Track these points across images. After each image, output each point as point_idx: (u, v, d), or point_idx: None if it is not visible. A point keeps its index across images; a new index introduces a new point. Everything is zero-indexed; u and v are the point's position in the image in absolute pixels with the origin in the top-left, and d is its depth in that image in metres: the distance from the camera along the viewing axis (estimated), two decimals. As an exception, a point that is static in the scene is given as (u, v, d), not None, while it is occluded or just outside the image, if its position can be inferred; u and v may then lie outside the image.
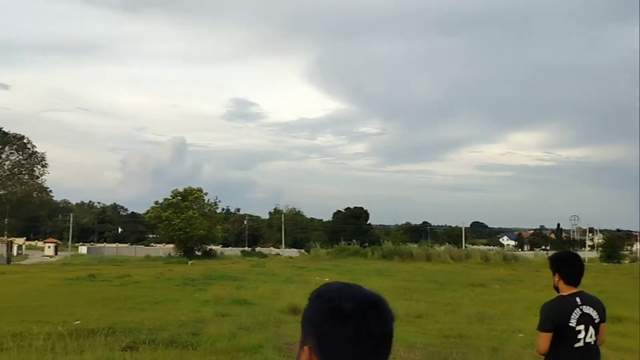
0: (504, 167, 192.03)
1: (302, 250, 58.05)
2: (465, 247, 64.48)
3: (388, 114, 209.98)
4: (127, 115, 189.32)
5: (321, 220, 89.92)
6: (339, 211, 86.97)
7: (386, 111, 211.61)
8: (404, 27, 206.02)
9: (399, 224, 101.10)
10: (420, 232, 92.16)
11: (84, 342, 8.53)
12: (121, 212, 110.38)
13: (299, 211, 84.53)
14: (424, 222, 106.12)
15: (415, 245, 47.99)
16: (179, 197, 48.33)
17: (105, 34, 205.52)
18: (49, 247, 67.70)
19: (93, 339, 8.75)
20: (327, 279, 19.96)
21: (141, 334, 9.08)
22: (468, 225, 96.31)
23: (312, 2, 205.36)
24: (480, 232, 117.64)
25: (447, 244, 58.66)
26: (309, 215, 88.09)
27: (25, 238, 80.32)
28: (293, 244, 73.28)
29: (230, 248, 68.72)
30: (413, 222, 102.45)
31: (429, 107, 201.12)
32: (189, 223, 45.32)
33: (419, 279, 22.00)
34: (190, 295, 14.79)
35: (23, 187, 45.04)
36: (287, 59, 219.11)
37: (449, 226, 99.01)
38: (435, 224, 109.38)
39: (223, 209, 56.19)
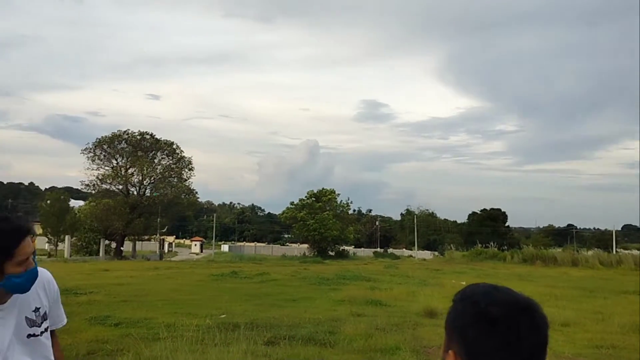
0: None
1: (436, 253, 56.88)
2: (617, 251, 59.10)
3: (526, 111, 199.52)
4: (262, 120, 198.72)
5: (455, 222, 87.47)
6: (474, 213, 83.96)
7: (524, 107, 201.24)
8: (542, 20, 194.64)
9: (541, 226, 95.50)
10: (564, 236, 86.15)
11: (229, 335, 8.97)
12: (259, 213, 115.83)
13: (432, 212, 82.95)
14: (569, 225, 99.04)
15: (559, 249, 44.91)
16: (313, 199, 49.58)
17: (242, 44, 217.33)
18: (195, 245, 72.93)
19: (237, 332, 9.17)
20: (463, 283, 19.29)
21: (281, 330, 9.37)
22: (619, 229, 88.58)
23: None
24: (633, 235, 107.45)
25: (596, 248, 54.35)
26: (442, 217, 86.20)
27: (174, 236, 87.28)
28: (426, 246, 72.05)
29: (362, 249, 69.23)
30: (556, 225, 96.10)
31: (572, 101, 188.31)
32: (322, 224, 46.31)
33: (564, 284, 20.51)
34: (325, 294, 15.03)
35: (173, 189, 48.61)
36: (417, 57, 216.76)
37: (597, 229, 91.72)
38: (582, 227, 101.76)
39: (354, 210, 56.81)
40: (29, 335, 1.96)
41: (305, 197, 50.63)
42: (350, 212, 55.59)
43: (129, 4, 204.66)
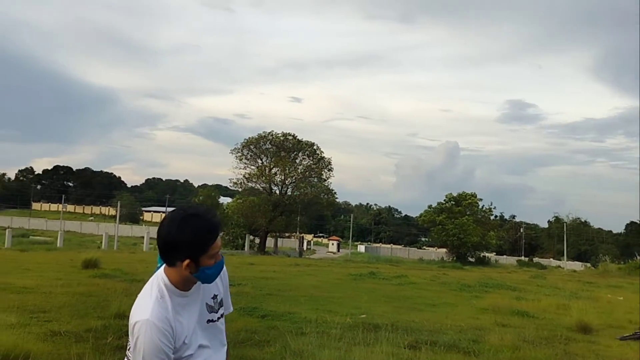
0: None
1: (588, 264, 52.67)
2: None
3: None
4: (401, 121, 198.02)
5: (610, 231, 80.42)
6: (632, 222, 76.72)
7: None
8: None
9: None
10: None
11: (369, 335, 8.99)
12: (395, 215, 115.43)
13: (584, 221, 76.90)
14: None
15: None
16: (453, 202, 48.32)
17: (382, 45, 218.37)
18: (333, 244, 74.37)
19: (377, 333, 9.15)
20: (620, 298, 17.63)
21: (422, 334, 9.19)
22: None
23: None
24: None
25: None
26: (596, 226, 79.54)
27: (313, 235, 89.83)
28: (576, 256, 67.03)
29: (504, 256, 66.11)
30: None
31: None
32: (462, 228, 44.96)
33: None
34: (467, 301, 14.53)
35: (313, 189, 50.03)
36: (569, 54, 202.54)
37: None
38: None
39: (497, 216, 54.38)
40: (209, 321, 2.08)
41: (444, 200, 49.49)
42: (493, 217, 53.29)
43: (275, 11, 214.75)
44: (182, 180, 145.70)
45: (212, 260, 1.95)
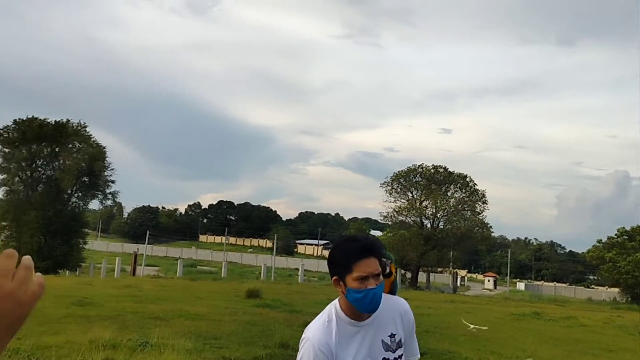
0: None
1: None
2: None
3: None
4: (562, 149, 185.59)
5: None
6: None
7: None
8: None
9: None
10: None
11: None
12: (558, 250, 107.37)
13: None
14: None
15: None
16: (625, 237, 43.84)
17: (538, 70, 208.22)
18: (489, 280, 70.92)
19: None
20: None
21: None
22: None
23: None
24: None
25: None
26: None
27: (467, 270, 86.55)
28: None
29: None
30: None
31: None
32: (638, 266, 40.48)
33: None
34: (649, 348, 12.92)
35: (466, 222, 48.45)
36: None
37: None
38: None
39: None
40: (384, 359, 2.06)
41: (615, 234, 45.05)
42: (674, 253, 47.23)
43: (423, 43, 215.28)
44: (333, 214, 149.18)
45: (356, 283, 1.96)
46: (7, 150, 39.91)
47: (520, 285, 69.75)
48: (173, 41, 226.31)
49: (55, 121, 40.97)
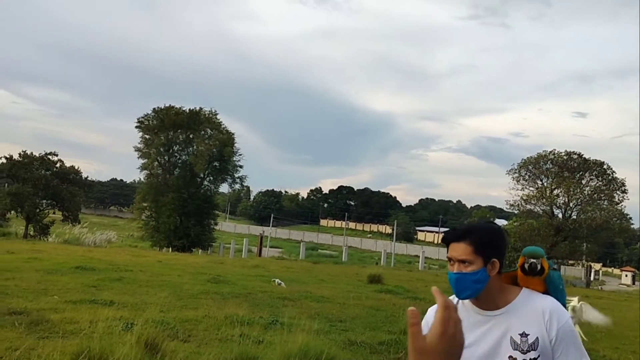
0: None
1: None
2: None
3: None
4: None
5: None
6: None
7: None
8: None
9: None
10: None
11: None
12: None
13: None
14: None
15: None
16: None
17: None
18: (626, 275, 65.70)
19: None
20: None
21: None
22: None
23: None
24: None
25: None
26: None
27: (601, 264, 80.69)
28: None
29: None
30: None
31: None
32: None
33: None
34: None
35: (602, 212, 45.09)
36: None
37: None
38: None
39: None
40: (510, 357, 1.90)
41: None
42: None
43: (557, 22, 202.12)
44: (454, 201, 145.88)
45: (449, 265, 1.98)
46: (147, 136, 43.38)
47: (659, 282, 63.81)
48: (297, 30, 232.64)
49: (189, 109, 43.80)
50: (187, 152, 44.14)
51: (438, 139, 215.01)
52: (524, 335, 1.89)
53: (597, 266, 67.40)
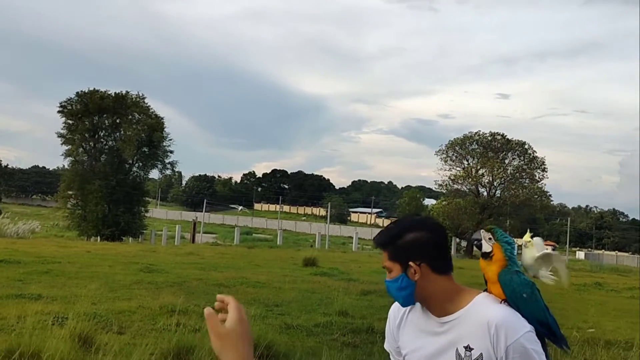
0: None
1: None
2: None
3: None
4: (626, 114, 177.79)
5: None
6: None
7: None
8: None
9: None
10: None
11: (601, 352, 8.26)
12: (621, 218, 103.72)
13: None
14: None
15: None
16: (694, 205, 42.07)
17: (604, 31, 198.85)
18: (547, 249, 69.46)
19: (610, 351, 8.39)
20: None
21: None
22: None
23: None
24: None
25: None
26: None
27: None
28: None
29: None
30: None
31: None
32: None
33: None
34: None
35: (524, 190, 47.40)
36: None
37: None
38: None
39: None
40: None
41: (684, 202, 43.37)
42: None
43: (482, 6, 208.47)
44: (386, 182, 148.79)
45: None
46: (71, 122, 41.56)
47: (580, 254, 67.98)
48: (228, 11, 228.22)
49: (115, 93, 42.31)
50: (114, 137, 42.71)
51: (370, 121, 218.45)
52: (468, 349, 1.67)
53: (520, 241, 70.82)
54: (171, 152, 44.17)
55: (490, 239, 1.77)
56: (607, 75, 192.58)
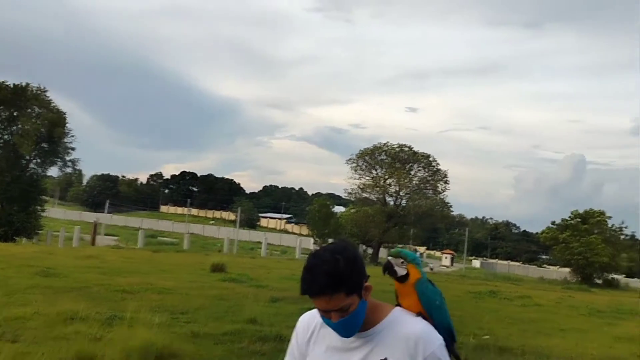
0: None
1: None
2: None
3: None
4: (524, 132, 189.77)
5: None
6: None
7: None
8: None
9: None
10: None
11: (495, 358, 8.77)
12: (513, 230, 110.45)
13: None
14: None
15: None
16: (579, 219, 45.54)
17: (507, 53, 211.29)
18: (446, 257, 72.72)
19: (503, 357, 8.93)
20: None
21: (552, 362, 8.83)
22: None
23: None
24: None
25: None
26: None
27: (426, 247, 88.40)
28: None
29: (635, 279, 60.93)
30: None
31: None
32: (589, 247, 42.20)
33: None
34: (598, 327, 13.62)
35: (427, 201, 49.41)
36: None
37: None
38: None
39: (628, 235, 50.15)
40: None
41: (569, 217, 46.76)
42: (623, 237, 49.35)
43: (396, 21, 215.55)
44: (297, 188, 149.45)
45: (324, 314, 1.70)
46: (-39, 113, 38.48)
47: (476, 263, 71.78)
48: (143, 5, 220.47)
49: (14, 84, 39.63)
50: (11, 131, 39.92)
51: (283, 127, 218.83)
52: None
53: (422, 249, 73.75)
54: (72, 149, 41.86)
55: (402, 262, 1.80)
56: (507, 94, 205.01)
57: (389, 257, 1.81)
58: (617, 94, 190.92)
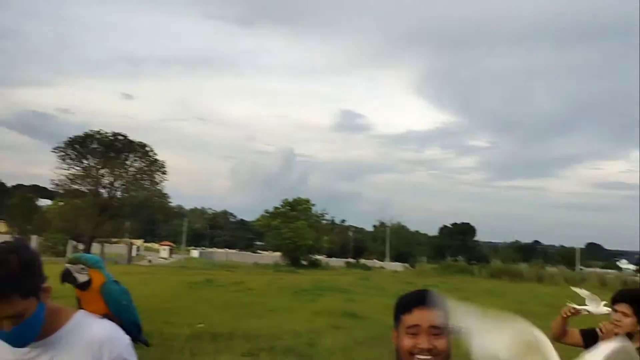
0: (624, 185, 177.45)
1: (407, 265, 57.33)
2: (580, 269, 60.63)
3: (500, 128, 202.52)
4: (239, 125, 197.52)
5: (426, 234, 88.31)
6: (445, 226, 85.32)
7: (498, 125, 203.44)
8: (521, 41, 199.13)
9: (507, 241, 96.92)
10: (530, 252, 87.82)
11: (207, 345, 8.95)
12: (231, 219, 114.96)
13: (404, 225, 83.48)
14: (535, 241, 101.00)
15: (525, 265, 45.66)
16: (288, 207, 49.60)
17: (222, 47, 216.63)
18: (164, 249, 71.86)
19: (216, 343, 9.16)
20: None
21: (260, 341, 9.38)
22: (582, 246, 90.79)
23: (423, 14, 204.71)
24: (595, 253, 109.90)
25: (560, 265, 55.86)
26: (414, 229, 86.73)
27: (143, 240, 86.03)
28: (396, 257, 72.62)
29: (333, 259, 69.28)
30: (523, 241, 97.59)
31: (545, 121, 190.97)
32: (297, 233, 46.34)
33: (532, 301, 20.85)
34: (302, 305, 15.05)
35: (144, 192, 48.03)
36: (397, 70, 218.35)
37: (562, 246, 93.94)
38: (547, 243, 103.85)
39: (328, 220, 56.79)
40: None
41: (280, 205, 50.65)
42: (325, 221, 55.63)
43: (108, 3, 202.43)
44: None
45: None
46: None
47: (195, 253, 72.65)
48: None
49: None
50: None
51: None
52: None
53: (138, 242, 71.49)
54: None
55: (83, 268, 1.71)
56: (222, 87, 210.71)
57: (67, 265, 1.70)
58: (318, 94, 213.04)
